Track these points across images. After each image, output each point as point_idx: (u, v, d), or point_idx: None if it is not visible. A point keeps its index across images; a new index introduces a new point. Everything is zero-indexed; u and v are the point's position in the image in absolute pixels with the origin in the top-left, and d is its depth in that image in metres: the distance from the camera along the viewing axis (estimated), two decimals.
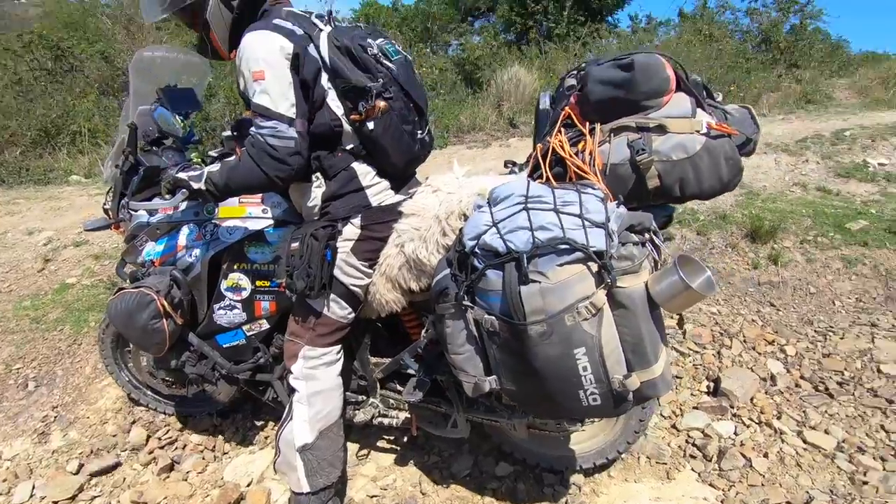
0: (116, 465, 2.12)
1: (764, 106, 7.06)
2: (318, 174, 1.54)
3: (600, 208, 1.16)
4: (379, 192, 1.59)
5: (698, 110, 1.25)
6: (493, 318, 1.18)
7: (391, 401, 1.91)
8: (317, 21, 1.48)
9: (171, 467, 2.11)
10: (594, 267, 1.12)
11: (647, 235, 1.19)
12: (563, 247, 1.11)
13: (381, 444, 2.16)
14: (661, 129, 1.23)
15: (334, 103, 1.45)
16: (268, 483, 1.98)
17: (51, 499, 1.95)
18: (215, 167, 1.49)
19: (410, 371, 1.80)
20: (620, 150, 1.26)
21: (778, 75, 8.32)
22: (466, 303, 1.22)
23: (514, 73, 7.06)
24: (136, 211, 1.74)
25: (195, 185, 1.48)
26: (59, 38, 7.27)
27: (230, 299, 1.78)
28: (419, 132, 1.61)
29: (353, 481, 1.98)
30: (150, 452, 2.17)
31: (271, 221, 1.72)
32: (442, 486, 1.96)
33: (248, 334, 1.83)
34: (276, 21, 1.40)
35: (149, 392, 2.29)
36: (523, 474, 1.99)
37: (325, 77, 1.43)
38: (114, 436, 2.26)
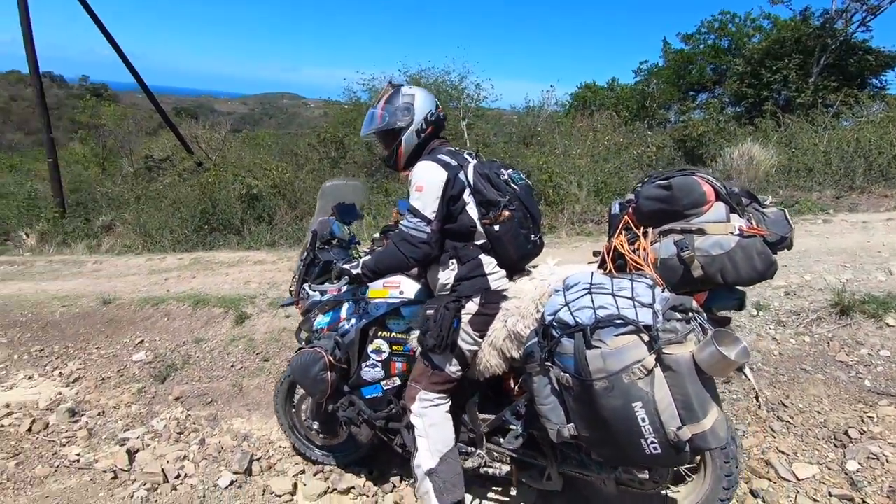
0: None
1: None
2: (454, 260, 2.08)
3: (648, 293, 1.52)
4: (497, 278, 2.09)
5: (733, 216, 1.59)
6: (568, 375, 1.56)
7: (495, 453, 2.27)
8: (467, 156, 2.10)
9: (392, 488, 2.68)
10: (645, 337, 1.47)
11: (690, 314, 1.51)
12: (619, 321, 1.49)
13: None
14: (701, 232, 1.59)
15: (472, 211, 2.02)
16: None
17: None
18: (368, 257, 2.13)
19: (512, 427, 2.18)
20: (668, 247, 1.63)
21: None
22: (548, 363, 1.62)
23: (746, 149, 6.61)
24: (315, 292, 2.43)
25: (353, 272, 2.11)
26: (343, 135, 9.61)
27: (373, 360, 2.35)
28: (533, 236, 2.11)
29: None
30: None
31: (406, 300, 2.29)
32: None
33: (385, 388, 2.36)
34: (440, 156, 2.03)
35: (301, 438, 2.88)
36: None
37: (467, 192, 2.01)
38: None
